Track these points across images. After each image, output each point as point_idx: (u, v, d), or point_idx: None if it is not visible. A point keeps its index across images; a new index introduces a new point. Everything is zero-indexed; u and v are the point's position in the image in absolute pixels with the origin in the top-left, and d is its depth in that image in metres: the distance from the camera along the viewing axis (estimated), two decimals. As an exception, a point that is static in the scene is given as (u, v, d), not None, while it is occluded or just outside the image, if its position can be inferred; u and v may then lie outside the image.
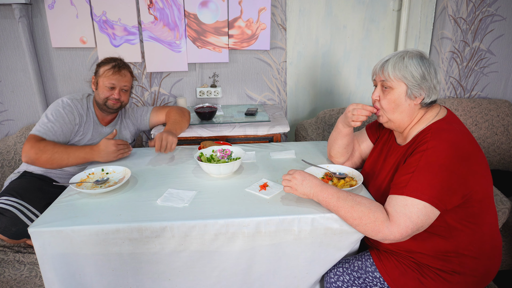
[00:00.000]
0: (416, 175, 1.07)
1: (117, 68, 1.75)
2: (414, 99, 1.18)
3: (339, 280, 1.25)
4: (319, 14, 2.45)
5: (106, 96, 1.76)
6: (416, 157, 1.10)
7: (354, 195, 1.15)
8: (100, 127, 1.84)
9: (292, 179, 1.22)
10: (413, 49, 1.22)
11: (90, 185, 1.40)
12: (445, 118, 1.18)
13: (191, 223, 1.15)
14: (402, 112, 1.21)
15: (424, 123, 1.20)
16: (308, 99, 2.66)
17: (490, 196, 1.16)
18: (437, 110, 1.22)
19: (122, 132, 1.95)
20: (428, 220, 1.06)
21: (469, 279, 1.15)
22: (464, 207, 1.11)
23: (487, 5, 2.37)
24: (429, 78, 1.16)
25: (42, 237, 1.13)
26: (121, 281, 1.22)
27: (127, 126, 1.97)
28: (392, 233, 1.06)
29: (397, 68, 1.17)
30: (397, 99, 1.20)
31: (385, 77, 1.20)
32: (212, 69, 2.49)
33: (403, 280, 1.17)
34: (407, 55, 1.18)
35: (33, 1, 2.24)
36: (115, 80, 1.75)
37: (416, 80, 1.15)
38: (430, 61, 1.19)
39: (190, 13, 2.32)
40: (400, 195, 1.08)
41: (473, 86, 2.57)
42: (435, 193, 1.05)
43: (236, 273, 1.24)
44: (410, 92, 1.17)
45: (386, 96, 1.22)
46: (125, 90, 1.81)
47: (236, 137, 2.08)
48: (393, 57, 1.20)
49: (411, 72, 1.16)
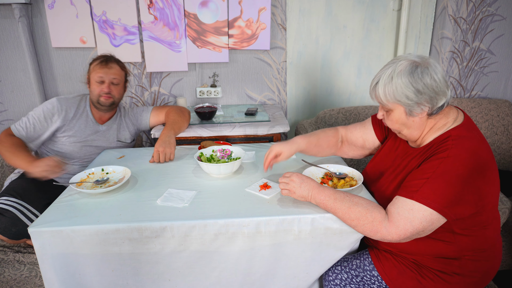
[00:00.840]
0: (431, 181, 1.03)
1: (104, 62, 1.76)
2: (417, 115, 1.11)
3: (337, 278, 1.25)
4: (319, 14, 2.45)
5: (98, 92, 1.76)
6: (434, 163, 1.05)
7: (351, 195, 1.15)
8: (97, 126, 1.85)
9: (290, 182, 1.20)
10: (403, 58, 1.11)
11: (90, 185, 1.40)
12: (464, 124, 1.12)
13: (191, 223, 1.15)
14: (410, 128, 1.15)
15: (442, 129, 1.13)
16: (308, 99, 2.66)
17: (497, 202, 1.14)
18: (455, 115, 1.15)
19: (121, 132, 1.94)
20: (431, 226, 1.04)
21: (468, 280, 1.15)
22: (473, 217, 1.08)
23: (487, 5, 2.36)
24: (426, 89, 1.06)
25: (42, 237, 1.13)
26: (121, 281, 1.22)
27: (127, 126, 1.97)
28: (390, 234, 1.06)
29: (388, 93, 1.10)
30: (399, 119, 1.14)
31: (380, 102, 1.15)
32: (212, 69, 2.49)
33: (401, 279, 1.17)
34: (395, 73, 1.08)
35: (33, 1, 2.23)
36: (102, 73, 1.74)
37: (412, 99, 1.07)
38: (423, 67, 1.07)
39: (190, 13, 2.32)
40: (409, 199, 1.05)
41: (473, 86, 2.57)
42: (447, 203, 1.02)
43: (236, 273, 1.24)
44: (409, 111, 1.11)
45: (388, 117, 1.18)
46: (115, 84, 1.79)
47: (236, 137, 2.08)
48: (382, 77, 1.11)
49: (402, 93, 1.07)
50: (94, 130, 1.84)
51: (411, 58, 1.10)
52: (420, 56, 1.12)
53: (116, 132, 1.92)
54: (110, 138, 1.90)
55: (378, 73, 1.14)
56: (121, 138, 1.94)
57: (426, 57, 1.11)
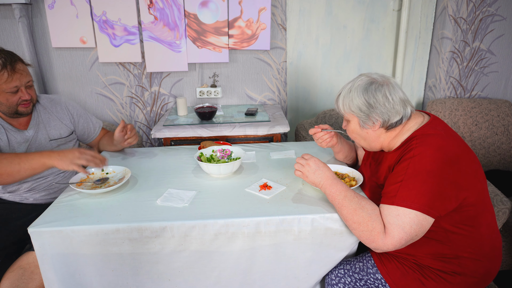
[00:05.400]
0: (404, 184, 1.06)
1: (9, 67, 1.39)
2: (369, 127, 1.20)
3: (341, 282, 1.25)
4: (319, 14, 2.45)
5: (12, 103, 1.44)
6: (403, 165, 1.09)
7: (360, 197, 1.15)
8: (21, 133, 1.53)
9: (305, 165, 1.23)
10: (366, 75, 1.21)
11: (90, 185, 1.40)
12: (429, 123, 1.16)
13: (191, 223, 1.15)
14: (366, 139, 1.24)
15: (407, 133, 1.18)
16: (308, 99, 2.66)
17: (485, 196, 1.15)
18: (419, 119, 1.20)
19: (52, 128, 1.62)
20: (421, 228, 1.06)
21: (469, 280, 1.15)
22: (459, 211, 1.09)
23: (487, 5, 2.36)
24: (378, 104, 1.14)
25: (42, 237, 1.13)
26: (121, 281, 1.22)
27: (59, 118, 1.65)
28: (385, 245, 1.06)
29: (345, 103, 1.20)
30: (355, 130, 1.24)
31: (340, 112, 1.26)
32: (212, 69, 2.49)
33: (404, 281, 1.17)
34: (354, 87, 1.19)
35: (33, 1, 2.24)
36: (16, 82, 1.41)
37: (364, 111, 1.17)
38: (378, 85, 1.15)
39: (190, 13, 2.32)
40: (391, 205, 1.07)
41: (473, 86, 2.57)
42: (426, 200, 1.04)
43: (236, 273, 1.24)
44: (362, 122, 1.20)
45: (347, 127, 1.28)
46: (30, 85, 1.50)
47: (236, 137, 2.08)
48: (343, 90, 1.22)
49: (357, 105, 1.17)
50: (23, 139, 1.53)
51: (372, 75, 1.20)
52: (383, 75, 1.20)
53: (45, 131, 1.60)
54: (43, 141, 1.59)
55: (343, 86, 1.25)
56: (54, 136, 1.62)
57: (388, 77, 1.19)
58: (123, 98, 2.52)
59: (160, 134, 2.03)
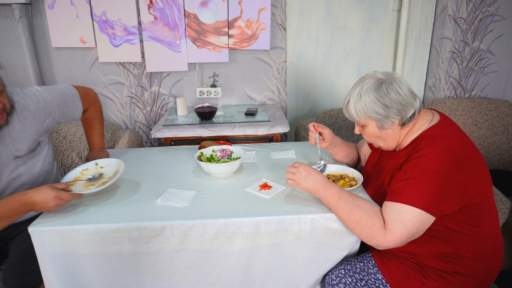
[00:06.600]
0: (411, 182, 1.07)
1: None
2: (389, 127, 1.19)
3: (341, 282, 1.24)
4: (319, 14, 2.45)
5: None
6: (411, 164, 1.10)
7: (355, 197, 1.15)
8: None
9: (296, 173, 1.22)
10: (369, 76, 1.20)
11: (83, 183, 1.35)
12: (439, 124, 1.17)
13: (191, 222, 1.15)
14: (385, 140, 1.23)
15: (417, 131, 1.19)
16: (308, 99, 2.66)
17: (490, 197, 1.16)
18: (429, 117, 1.20)
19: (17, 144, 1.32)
20: (422, 227, 1.06)
21: (470, 280, 1.15)
22: (464, 211, 1.10)
23: (487, 5, 2.37)
24: (393, 103, 1.14)
25: (42, 237, 1.13)
26: (121, 280, 1.22)
27: (26, 132, 1.34)
28: (386, 241, 1.06)
29: (358, 110, 1.19)
30: (374, 133, 1.23)
31: (353, 119, 1.24)
32: (212, 69, 2.50)
33: (405, 281, 1.17)
34: (363, 91, 1.17)
35: (33, 1, 2.24)
36: None
37: (381, 114, 1.16)
38: (388, 83, 1.15)
39: (190, 13, 2.32)
40: (395, 202, 1.08)
41: (473, 86, 2.57)
42: (430, 200, 1.05)
43: (236, 273, 1.24)
44: (381, 125, 1.19)
45: (363, 132, 1.27)
46: (1, 91, 1.23)
47: (236, 137, 2.08)
48: (352, 97, 1.20)
49: (372, 109, 1.16)
50: None
51: (376, 75, 1.19)
52: (385, 72, 1.21)
53: (10, 147, 1.31)
54: (4, 160, 1.30)
55: (348, 93, 1.24)
56: (19, 153, 1.34)
57: (390, 73, 1.20)
58: (123, 98, 2.52)
59: (160, 134, 2.03)
